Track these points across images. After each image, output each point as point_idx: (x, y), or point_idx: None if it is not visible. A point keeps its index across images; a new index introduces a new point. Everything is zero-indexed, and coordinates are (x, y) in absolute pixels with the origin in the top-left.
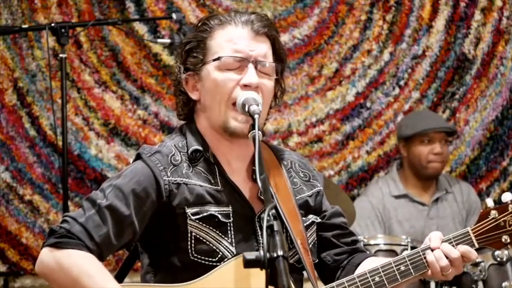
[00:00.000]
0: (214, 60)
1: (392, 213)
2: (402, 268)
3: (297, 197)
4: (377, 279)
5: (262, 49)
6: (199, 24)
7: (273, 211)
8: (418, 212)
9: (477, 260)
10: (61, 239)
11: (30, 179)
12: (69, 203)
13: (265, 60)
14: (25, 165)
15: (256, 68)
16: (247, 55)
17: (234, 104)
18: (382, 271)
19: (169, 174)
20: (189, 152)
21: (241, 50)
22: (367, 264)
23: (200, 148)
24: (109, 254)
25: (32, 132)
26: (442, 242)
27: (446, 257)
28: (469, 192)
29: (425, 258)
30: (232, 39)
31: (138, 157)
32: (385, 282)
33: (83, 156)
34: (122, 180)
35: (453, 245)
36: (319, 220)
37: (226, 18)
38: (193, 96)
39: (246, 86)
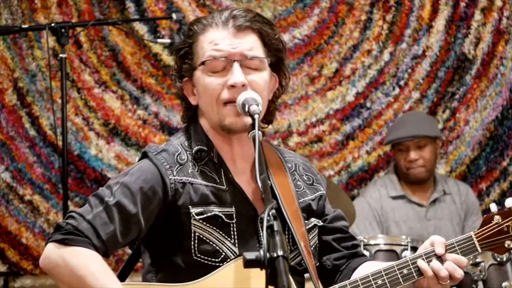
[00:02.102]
0: (199, 65)
1: (390, 214)
2: (405, 271)
3: (300, 200)
4: (380, 282)
5: (246, 44)
6: (186, 30)
7: (273, 211)
8: (416, 213)
9: (477, 260)
10: (68, 235)
11: (30, 179)
12: (69, 203)
13: (249, 54)
14: (25, 165)
15: (242, 65)
16: (229, 54)
17: (225, 103)
18: (385, 274)
19: (175, 173)
20: (193, 151)
21: (222, 49)
22: (364, 269)
23: (204, 148)
24: (114, 251)
25: (32, 132)
26: (447, 248)
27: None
28: (467, 193)
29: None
30: (213, 40)
31: (145, 155)
32: (388, 285)
33: (83, 156)
34: (129, 178)
35: (456, 250)
36: (321, 223)
37: (208, 21)
38: (192, 101)
39: (232, 87)
